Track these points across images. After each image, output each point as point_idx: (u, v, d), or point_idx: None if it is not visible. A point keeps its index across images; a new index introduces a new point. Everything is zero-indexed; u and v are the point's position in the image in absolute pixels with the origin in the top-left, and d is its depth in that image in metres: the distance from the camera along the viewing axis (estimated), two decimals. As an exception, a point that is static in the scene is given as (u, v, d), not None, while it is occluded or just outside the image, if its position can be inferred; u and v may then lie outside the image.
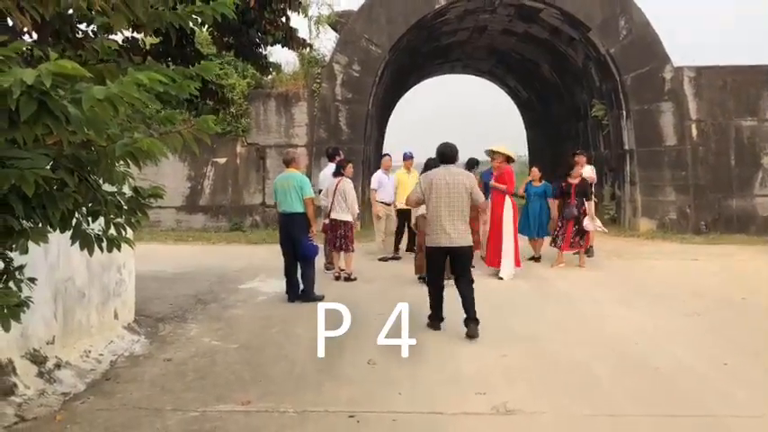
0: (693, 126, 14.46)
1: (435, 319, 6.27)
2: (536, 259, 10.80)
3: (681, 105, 14.35)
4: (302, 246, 7.51)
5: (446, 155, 6.25)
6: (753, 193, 14.39)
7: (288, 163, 7.88)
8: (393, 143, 20.52)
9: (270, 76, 15.48)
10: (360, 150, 14.35)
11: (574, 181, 10.12)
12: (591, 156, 12.24)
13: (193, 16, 3.25)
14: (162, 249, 12.02)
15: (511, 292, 8.08)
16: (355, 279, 8.85)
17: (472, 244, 6.29)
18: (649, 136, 14.34)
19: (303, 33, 7.61)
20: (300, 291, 7.61)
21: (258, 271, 9.50)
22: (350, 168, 9.24)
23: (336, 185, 8.80)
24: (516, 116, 25.61)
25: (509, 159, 8.93)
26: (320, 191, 9.56)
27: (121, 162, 2.85)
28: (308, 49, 7.40)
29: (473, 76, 24.81)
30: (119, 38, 4.34)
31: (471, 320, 5.95)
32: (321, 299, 7.40)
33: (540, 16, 15.18)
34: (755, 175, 14.31)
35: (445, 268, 6.30)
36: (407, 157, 11.06)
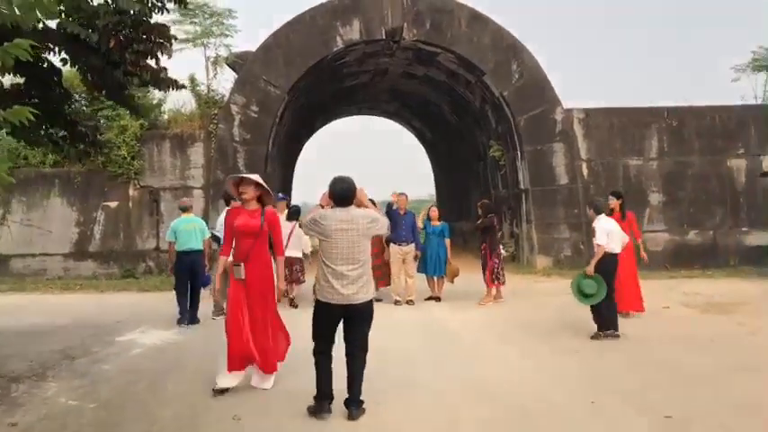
0: (584, 165, 15.06)
1: (323, 399, 4.97)
2: (436, 299, 10.83)
3: (571, 145, 14.91)
4: (204, 276, 9.30)
5: (341, 197, 4.95)
6: (641, 229, 14.96)
7: (186, 210, 9.52)
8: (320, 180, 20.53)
9: (163, 117, 15.10)
10: (259, 192, 14.10)
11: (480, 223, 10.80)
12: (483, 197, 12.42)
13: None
14: (43, 300, 11.33)
15: (396, 332, 7.97)
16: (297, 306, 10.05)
17: (372, 299, 5.04)
18: (543, 175, 14.79)
19: (201, 74, 7.43)
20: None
21: (142, 321, 9.06)
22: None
23: (292, 230, 10.13)
24: (424, 156, 26.09)
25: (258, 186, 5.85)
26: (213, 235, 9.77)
27: None
28: (183, 89, 7.18)
29: (381, 118, 25.11)
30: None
31: (354, 402, 4.95)
32: (199, 321, 9.07)
33: (437, 60, 15.53)
34: (643, 212, 14.88)
35: (335, 334, 5.05)
36: (281, 199, 10.84)
